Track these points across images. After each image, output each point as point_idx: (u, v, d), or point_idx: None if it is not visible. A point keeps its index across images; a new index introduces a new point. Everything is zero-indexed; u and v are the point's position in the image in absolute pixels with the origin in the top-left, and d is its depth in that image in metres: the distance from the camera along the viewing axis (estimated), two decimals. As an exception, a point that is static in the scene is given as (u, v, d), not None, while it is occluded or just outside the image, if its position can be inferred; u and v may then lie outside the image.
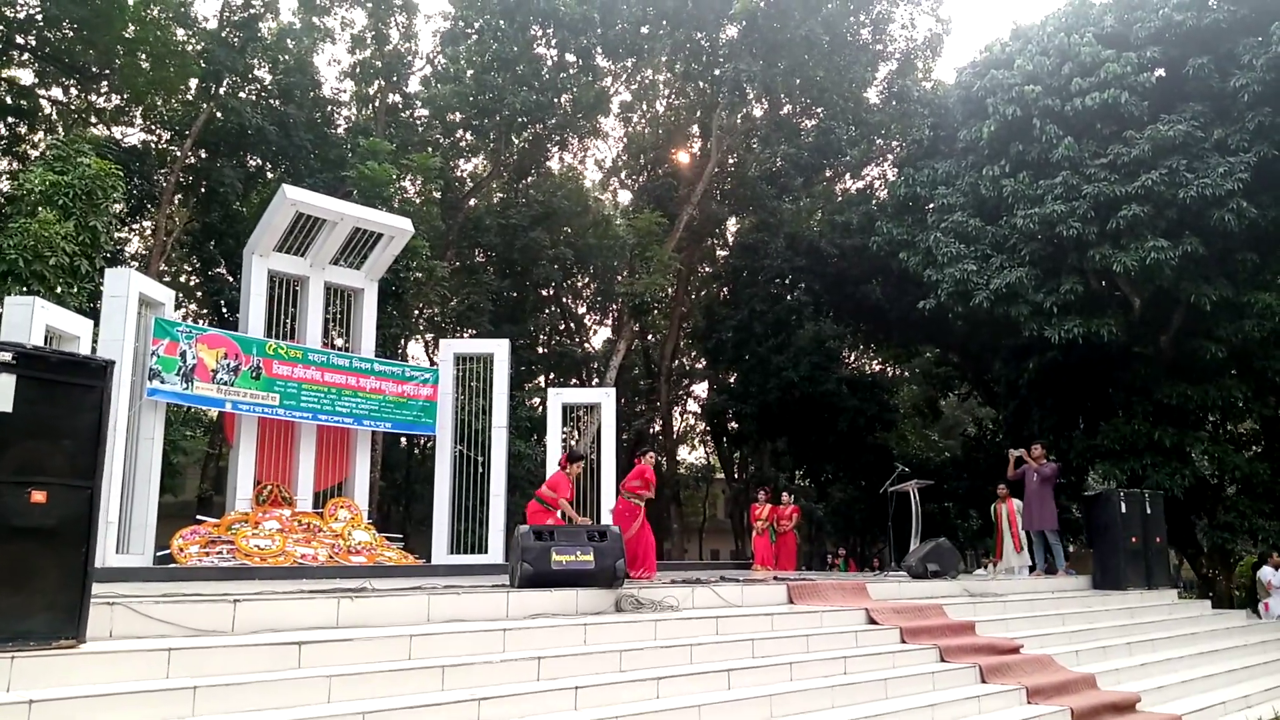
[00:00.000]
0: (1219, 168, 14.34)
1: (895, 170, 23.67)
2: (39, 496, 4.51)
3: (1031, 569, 13.48)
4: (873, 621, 8.36)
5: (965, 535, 23.77)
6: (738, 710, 6.00)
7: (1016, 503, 13.70)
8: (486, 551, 14.05)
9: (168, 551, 11.28)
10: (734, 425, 30.55)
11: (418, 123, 26.10)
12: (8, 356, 4.51)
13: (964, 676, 7.69)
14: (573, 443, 19.69)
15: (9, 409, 4.47)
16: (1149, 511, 12.93)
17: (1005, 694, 7.49)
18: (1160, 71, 16.07)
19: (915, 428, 31.53)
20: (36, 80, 20.83)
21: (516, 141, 25.87)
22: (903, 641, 8.13)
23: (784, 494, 17.10)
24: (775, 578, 10.91)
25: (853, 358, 32.16)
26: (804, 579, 10.22)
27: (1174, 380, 16.38)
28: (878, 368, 33.59)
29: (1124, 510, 12.61)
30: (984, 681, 7.70)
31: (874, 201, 24.32)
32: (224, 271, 21.86)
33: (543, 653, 5.94)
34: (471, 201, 27.03)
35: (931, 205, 18.59)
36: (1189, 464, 16.49)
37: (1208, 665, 10.21)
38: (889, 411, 27.13)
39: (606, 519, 13.55)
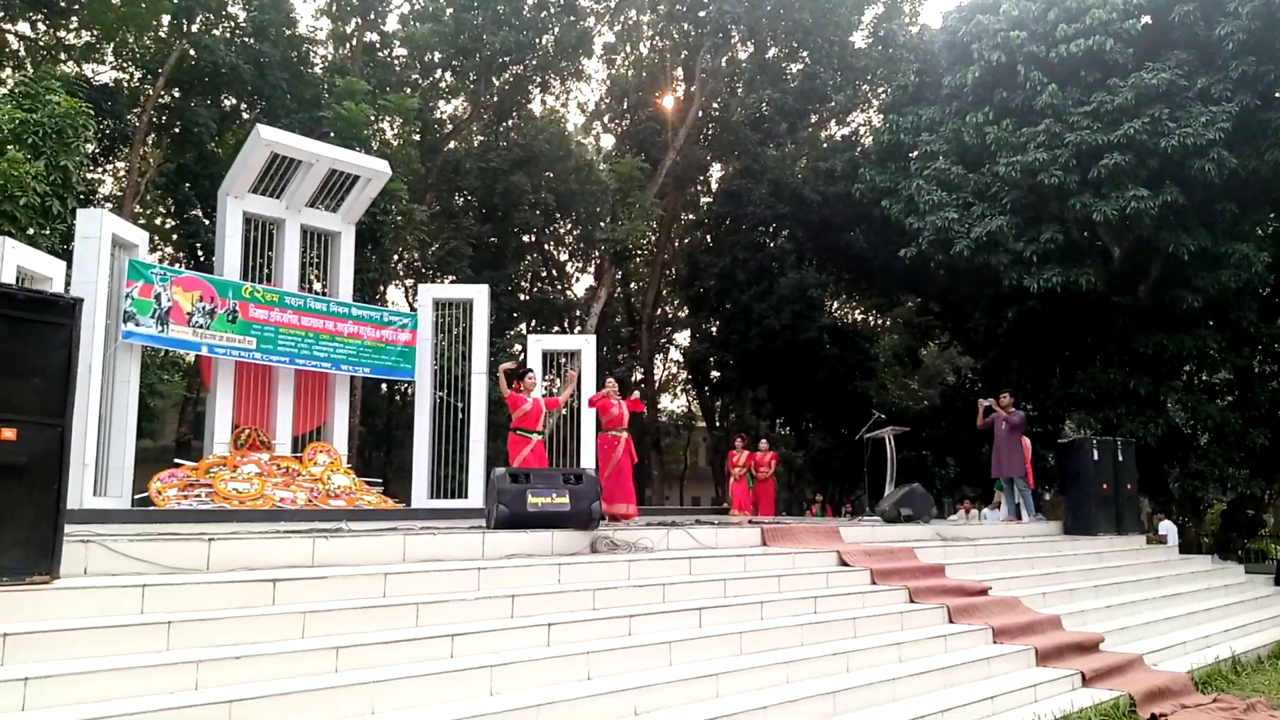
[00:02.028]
0: (1201, 117, 14.31)
1: (880, 116, 23.52)
2: (9, 434, 4.49)
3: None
4: (844, 564, 8.48)
5: (942, 482, 24.09)
6: (708, 647, 6.11)
7: (1027, 441, 13.66)
8: (466, 496, 14.11)
9: (145, 495, 11.27)
10: (715, 373, 30.68)
11: (396, 62, 25.62)
12: (-28, 294, 4.46)
13: (932, 617, 7.85)
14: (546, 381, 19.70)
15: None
16: (1121, 459, 13.10)
17: (971, 634, 7.66)
18: (1146, 18, 15.95)
19: (895, 376, 31.74)
20: (3, 15, 20.22)
21: (497, 83, 25.46)
22: (873, 583, 8.27)
23: (762, 441, 17.22)
24: (750, 521, 11.06)
25: (834, 306, 32.25)
26: (778, 523, 10.36)
27: (1151, 330, 16.53)
28: (859, 316, 33.72)
29: (1096, 457, 12.77)
30: (951, 622, 7.87)
31: (858, 148, 24.17)
32: (199, 213, 21.52)
33: (517, 591, 6.01)
34: (451, 144, 26.66)
35: (915, 152, 18.51)
36: (1163, 413, 16.72)
37: (1171, 608, 10.46)
38: (869, 360, 27.31)
39: (586, 463, 13.68)
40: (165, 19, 20.39)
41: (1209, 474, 16.86)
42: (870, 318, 33.69)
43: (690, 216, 32.04)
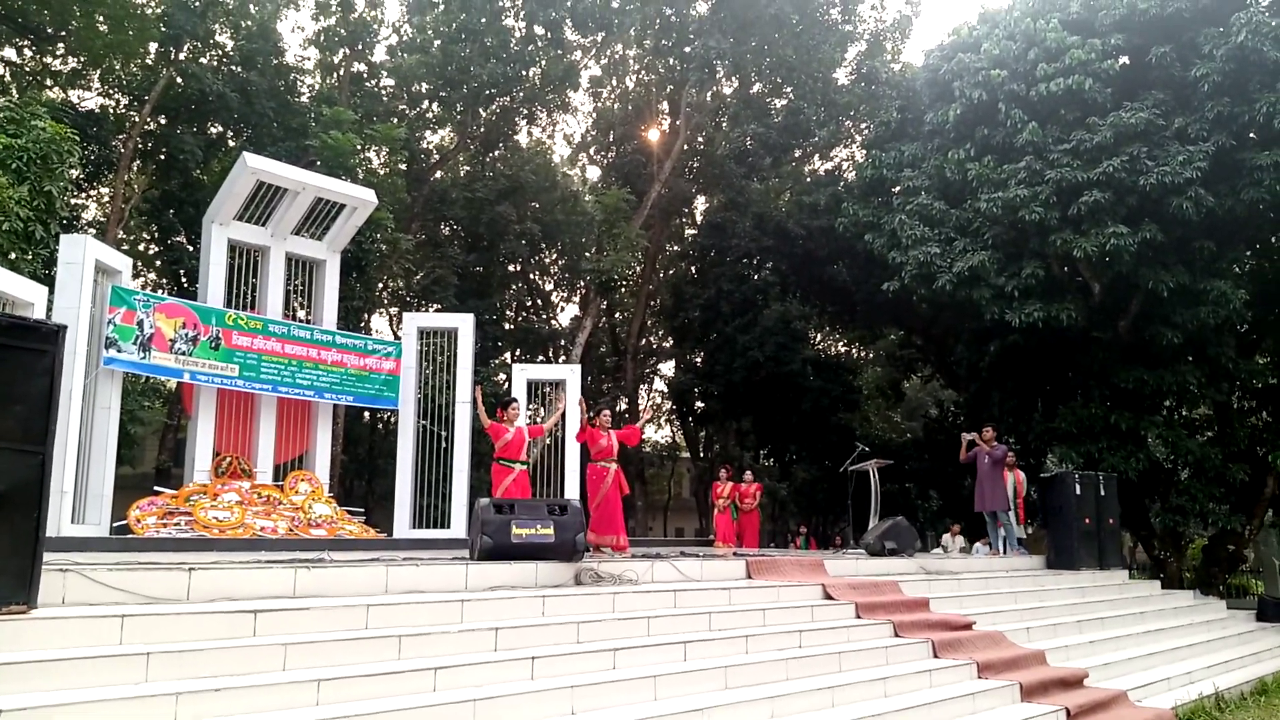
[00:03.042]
0: (1179, 156, 14.54)
1: (863, 152, 23.81)
2: (-12, 461, 4.44)
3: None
4: (829, 597, 8.47)
5: (925, 515, 24.12)
6: (693, 681, 6.07)
7: (1021, 475, 13.71)
8: (449, 527, 14.00)
9: (124, 522, 11.13)
10: (700, 404, 30.69)
11: (383, 93, 25.71)
12: (-45, 319, 4.42)
13: (916, 651, 7.83)
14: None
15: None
16: (1103, 493, 13.19)
17: (956, 668, 7.64)
18: (1124, 59, 16.23)
19: (878, 409, 31.84)
20: (-11, 40, 20.26)
21: (484, 114, 25.60)
22: (858, 617, 8.25)
23: (746, 472, 17.21)
24: (735, 553, 11.02)
25: (818, 339, 32.39)
26: (763, 555, 10.33)
27: (1131, 365, 16.67)
28: (843, 349, 33.87)
29: (1078, 492, 12.85)
30: (936, 656, 7.85)
31: (841, 183, 24.41)
32: (183, 240, 21.44)
33: (500, 624, 5.96)
34: (437, 174, 26.75)
35: (897, 188, 18.70)
36: (1144, 448, 16.81)
37: (1154, 643, 10.48)
38: (852, 392, 27.39)
39: (571, 494, 13.61)
40: (152, 46, 20.41)
41: (1190, 509, 16.94)
42: (853, 350, 33.85)
43: (675, 248, 32.19)
